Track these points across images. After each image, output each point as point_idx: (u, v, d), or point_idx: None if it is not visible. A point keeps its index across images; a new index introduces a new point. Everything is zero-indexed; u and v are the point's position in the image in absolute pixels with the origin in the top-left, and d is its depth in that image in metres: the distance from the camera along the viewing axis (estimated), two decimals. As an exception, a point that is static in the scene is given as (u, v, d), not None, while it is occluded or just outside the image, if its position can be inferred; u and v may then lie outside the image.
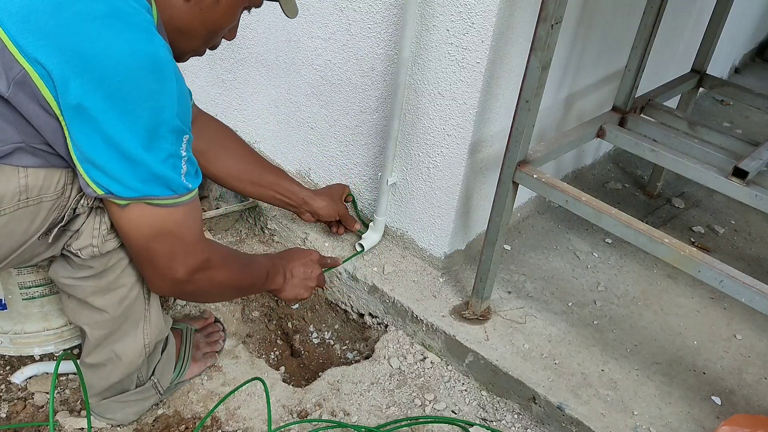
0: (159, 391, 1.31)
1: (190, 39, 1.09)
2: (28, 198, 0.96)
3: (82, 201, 1.03)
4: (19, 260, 1.05)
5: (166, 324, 1.28)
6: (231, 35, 1.17)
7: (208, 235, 1.76)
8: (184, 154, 1.01)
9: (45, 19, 0.89)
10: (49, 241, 1.03)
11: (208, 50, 1.17)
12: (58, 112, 0.92)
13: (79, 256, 1.06)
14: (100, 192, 0.97)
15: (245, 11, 1.14)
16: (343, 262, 1.63)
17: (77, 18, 0.89)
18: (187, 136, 1.01)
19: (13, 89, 0.89)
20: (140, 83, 0.92)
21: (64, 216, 1.02)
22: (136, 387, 1.27)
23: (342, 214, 1.66)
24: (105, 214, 1.05)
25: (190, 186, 1.03)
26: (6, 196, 0.94)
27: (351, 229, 1.70)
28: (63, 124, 0.93)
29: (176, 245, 1.05)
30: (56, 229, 1.02)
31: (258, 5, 1.14)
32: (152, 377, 1.29)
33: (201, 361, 1.42)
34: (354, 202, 1.74)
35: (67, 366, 1.37)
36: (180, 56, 1.12)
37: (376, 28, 1.50)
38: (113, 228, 1.06)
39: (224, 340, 1.51)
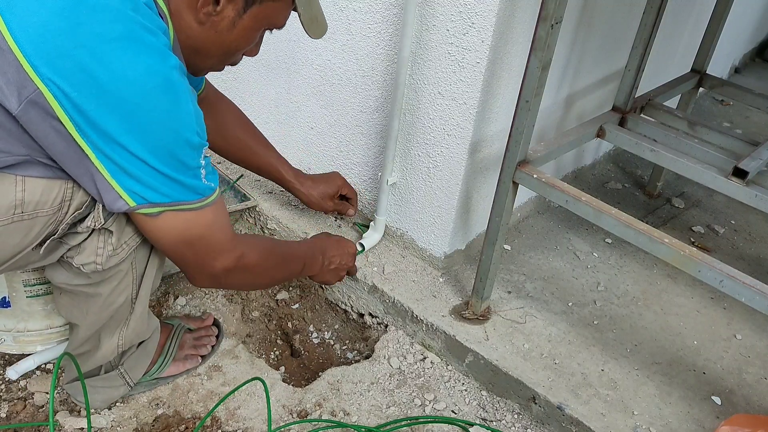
0: (128, 383, 1.31)
1: (206, 58, 1.10)
2: (23, 212, 0.97)
3: (86, 222, 1.03)
4: (13, 268, 1.06)
5: (149, 328, 1.30)
6: (253, 52, 1.17)
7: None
8: (202, 162, 1.03)
9: (61, 40, 0.87)
10: (41, 252, 1.04)
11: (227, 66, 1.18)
12: (73, 131, 0.91)
13: (80, 270, 1.08)
14: (132, 204, 0.98)
15: (267, 31, 1.13)
16: None
17: (93, 40, 0.88)
18: (206, 146, 1.03)
19: (24, 108, 0.88)
20: (156, 104, 0.93)
21: (58, 230, 1.02)
22: (105, 372, 1.28)
23: (328, 210, 1.67)
24: (111, 236, 1.06)
25: (213, 185, 1.06)
26: (1, 208, 0.95)
27: (344, 213, 1.71)
28: (81, 142, 0.92)
29: (209, 246, 1.09)
30: (49, 241, 1.03)
31: (280, 28, 1.13)
32: (120, 366, 1.29)
33: (181, 362, 1.41)
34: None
35: (50, 353, 1.39)
36: (196, 72, 1.13)
37: (376, 28, 1.50)
38: (118, 247, 1.07)
39: (215, 346, 1.49)
